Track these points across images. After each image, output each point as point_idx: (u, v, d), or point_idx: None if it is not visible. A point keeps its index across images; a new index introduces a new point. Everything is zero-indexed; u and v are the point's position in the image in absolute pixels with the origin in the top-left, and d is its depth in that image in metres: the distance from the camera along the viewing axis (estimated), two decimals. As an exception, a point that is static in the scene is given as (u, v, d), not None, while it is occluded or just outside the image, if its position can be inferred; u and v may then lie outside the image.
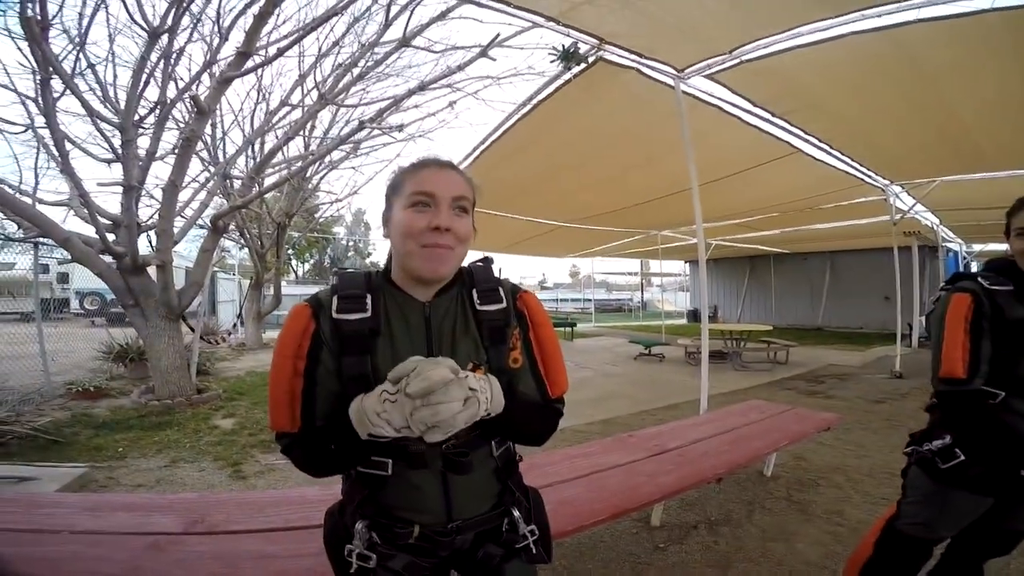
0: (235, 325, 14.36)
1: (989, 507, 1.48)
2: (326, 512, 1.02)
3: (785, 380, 7.55)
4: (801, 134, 5.18)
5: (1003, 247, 1.55)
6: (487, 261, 1.05)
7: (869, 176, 6.83)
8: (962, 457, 1.45)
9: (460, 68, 6.07)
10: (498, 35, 5.03)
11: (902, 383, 7.11)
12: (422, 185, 0.89)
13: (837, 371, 8.34)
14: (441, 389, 0.72)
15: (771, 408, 3.72)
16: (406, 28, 5.65)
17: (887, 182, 7.20)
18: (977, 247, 14.70)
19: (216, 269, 10.38)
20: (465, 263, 1.01)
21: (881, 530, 1.73)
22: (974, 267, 14.74)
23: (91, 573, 1.36)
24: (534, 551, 0.98)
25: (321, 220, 18.99)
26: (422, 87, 6.27)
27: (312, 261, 38.07)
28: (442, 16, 5.57)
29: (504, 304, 0.97)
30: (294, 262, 33.95)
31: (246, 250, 11.55)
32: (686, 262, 22.59)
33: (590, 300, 27.72)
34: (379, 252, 39.81)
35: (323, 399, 0.89)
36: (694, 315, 20.41)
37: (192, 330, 6.67)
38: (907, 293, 9.32)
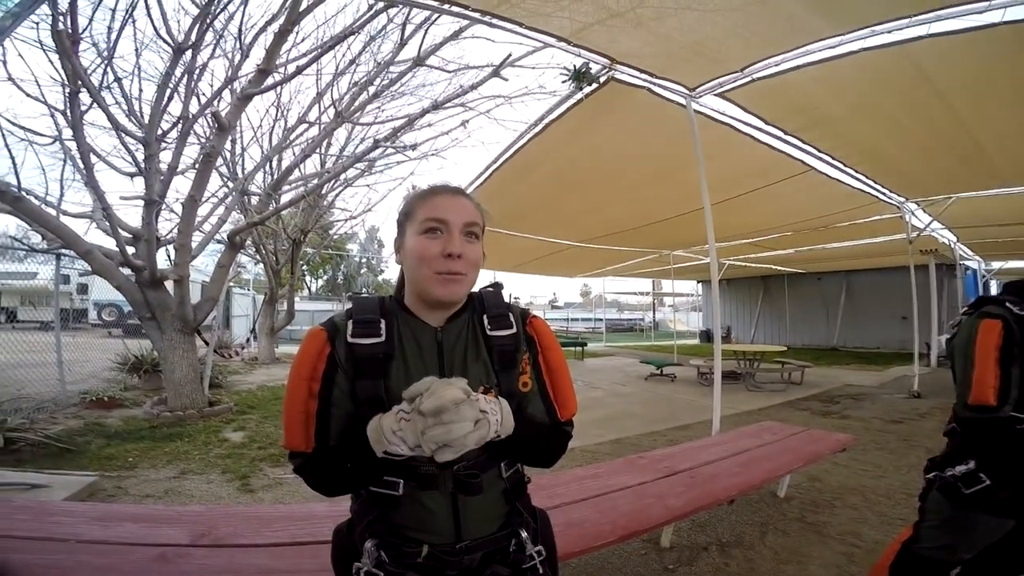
0: (248, 340, 14.51)
1: (1009, 529, 1.49)
2: (334, 530, 1.03)
3: (799, 401, 7.41)
4: (814, 151, 5.15)
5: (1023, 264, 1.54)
6: (497, 287, 1.07)
7: (884, 193, 6.75)
8: (987, 482, 1.45)
9: (473, 87, 6.17)
10: (510, 55, 5.12)
11: (920, 403, 6.97)
12: (434, 212, 0.91)
13: (853, 391, 8.19)
14: (452, 409, 0.73)
15: (785, 429, 3.67)
16: (420, 47, 5.78)
17: (902, 199, 7.12)
18: (997, 264, 14.39)
19: (231, 284, 10.52)
20: (475, 288, 1.03)
21: (897, 553, 1.72)
22: (993, 285, 14.44)
23: (97, 583, 1.36)
24: (540, 572, 0.97)
25: (335, 237, 19.19)
26: (436, 106, 6.38)
27: (325, 278, 38.45)
28: (455, 36, 5.68)
29: (514, 329, 0.98)
30: (308, 278, 34.32)
31: (261, 265, 11.72)
32: (698, 282, 22.46)
33: (601, 320, 27.59)
34: (391, 270, 40.16)
35: (337, 420, 0.90)
36: (707, 335, 20.22)
37: (206, 344, 6.75)
38: (924, 312, 9.16)
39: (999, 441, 1.44)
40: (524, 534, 0.97)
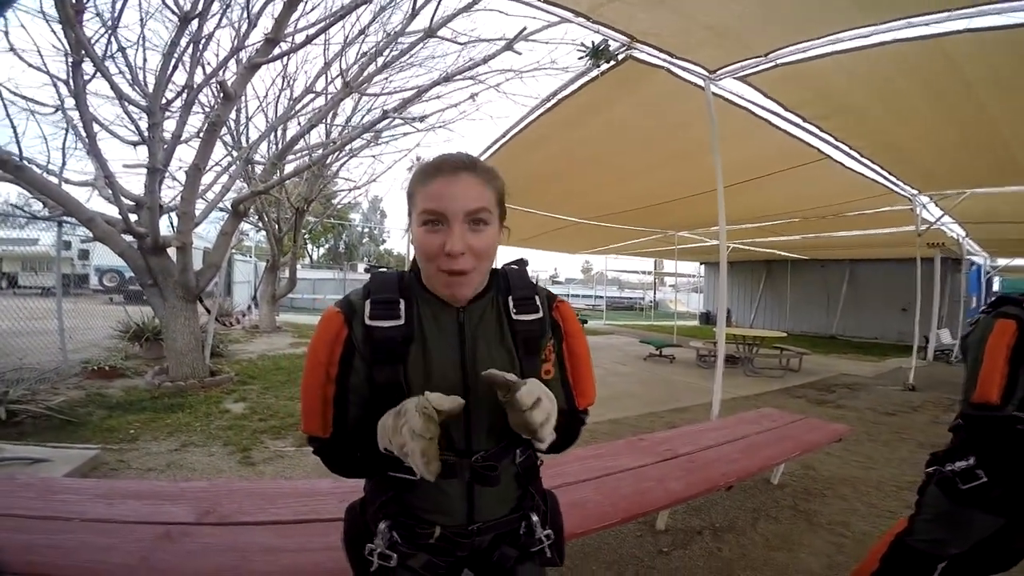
0: (249, 307, 14.53)
1: (999, 527, 1.51)
2: (347, 508, 1.03)
3: (796, 388, 7.46)
4: (832, 140, 5.08)
5: None
6: (522, 264, 1.02)
7: (898, 185, 6.70)
8: (984, 479, 1.48)
9: (484, 61, 6.01)
10: (524, 28, 4.96)
11: (914, 396, 7.00)
12: (431, 202, 0.83)
13: (849, 381, 8.24)
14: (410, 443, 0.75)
15: (783, 417, 3.68)
16: (432, 18, 5.61)
17: (915, 192, 7.07)
18: (1002, 261, 14.35)
19: (233, 251, 10.48)
20: (499, 263, 0.99)
21: (889, 545, 1.75)
22: (996, 281, 14.41)
23: (101, 562, 1.36)
24: (548, 555, 0.99)
25: (338, 207, 19.07)
26: (447, 78, 6.23)
27: (327, 246, 38.37)
28: (468, 7, 5.51)
29: (540, 314, 0.95)
30: (309, 247, 34.24)
31: (263, 233, 11.66)
32: (701, 263, 22.37)
33: (601, 297, 27.59)
34: (392, 240, 40.03)
35: (355, 406, 0.88)
36: (706, 317, 20.23)
37: (208, 311, 6.75)
38: (926, 305, 9.15)
39: (999, 439, 1.46)
40: (535, 518, 0.98)
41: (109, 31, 4.93)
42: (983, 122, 4.40)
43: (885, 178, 6.36)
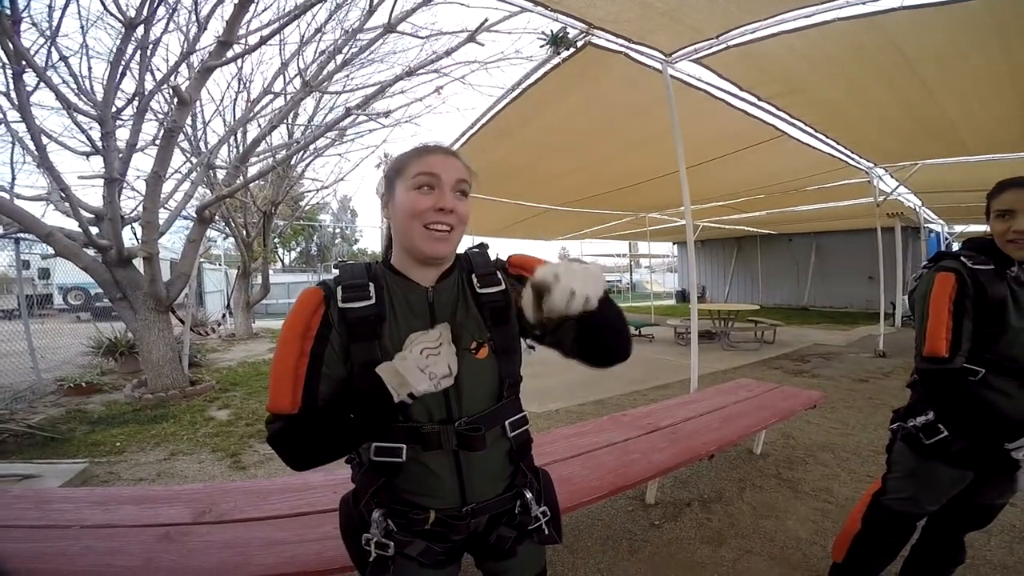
0: (224, 316, 14.25)
1: (969, 481, 1.54)
2: (340, 500, 1.04)
3: (772, 359, 7.67)
4: (787, 118, 5.20)
5: (983, 228, 1.59)
6: (483, 247, 1.09)
7: (853, 159, 6.89)
8: (945, 433, 1.50)
9: (447, 53, 6.00)
10: (486, 20, 4.98)
11: (885, 362, 7.24)
12: (428, 167, 0.92)
13: (822, 350, 8.48)
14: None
15: (759, 387, 3.79)
16: (391, 13, 5.57)
17: (871, 165, 7.27)
18: (959, 228, 14.93)
19: (202, 260, 10.25)
20: (461, 249, 1.05)
21: (867, 505, 1.78)
22: (955, 247, 14.90)
23: (106, 566, 1.38)
24: (546, 532, 1.01)
25: (307, 208, 18.77)
26: (410, 73, 6.20)
27: (299, 249, 37.69)
28: (427, 1, 5.48)
29: (503, 286, 1.00)
30: (280, 251, 33.58)
31: (231, 240, 11.43)
32: (674, 243, 22.71)
33: (579, 283, 27.62)
34: (365, 239, 39.50)
35: (327, 381, 0.89)
36: (683, 296, 20.59)
37: (182, 322, 6.63)
38: (890, 273, 9.47)
39: (953, 392, 1.47)
40: (528, 495, 1.00)
41: (48, 41, 4.80)
42: (926, 98, 4.56)
43: (841, 152, 6.54)
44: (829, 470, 3.36)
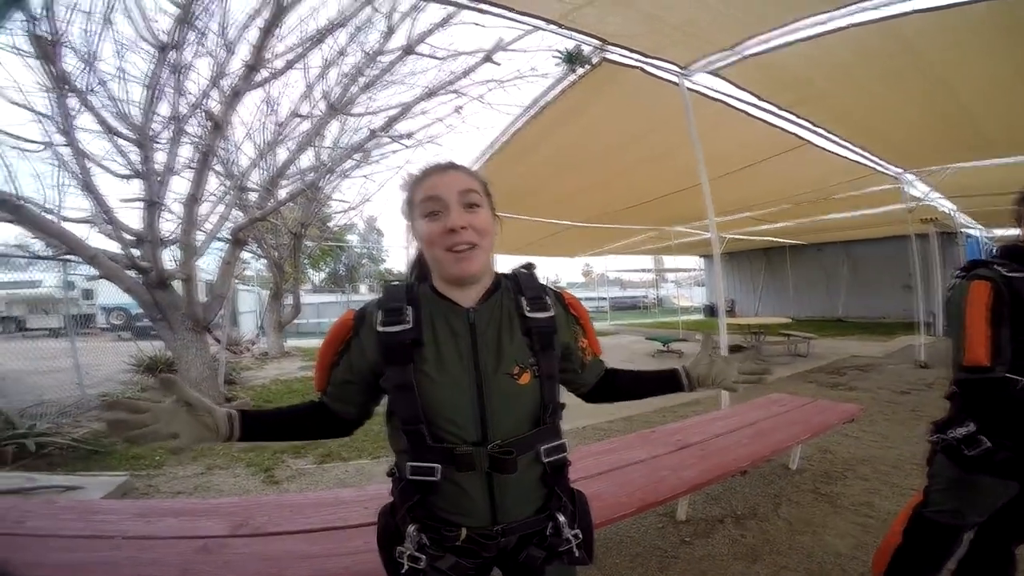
0: (257, 335, 14.61)
1: (1016, 492, 1.49)
2: (379, 512, 1.07)
3: (806, 373, 7.47)
4: (809, 126, 5.16)
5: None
6: (531, 267, 1.10)
7: (880, 165, 6.75)
8: (988, 444, 1.46)
9: (465, 74, 6.13)
10: (501, 40, 5.09)
11: (927, 373, 6.99)
12: (429, 191, 0.94)
13: (859, 362, 8.23)
14: None
15: (792, 401, 3.71)
16: (409, 36, 5.74)
17: (900, 170, 7.11)
18: (998, 231, 14.35)
19: (236, 281, 10.57)
20: (507, 268, 1.08)
21: (909, 518, 1.73)
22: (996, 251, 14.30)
23: (147, 576, 1.44)
24: (576, 554, 1.00)
25: (335, 229, 19.18)
26: (431, 94, 6.35)
27: (327, 270, 38.43)
28: (444, 23, 5.63)
29: (551, 313, 1.02)
30: (310, 271, 34.29)
31: (263, 261, 11.74)
32: (701, 256, 22.43)
33: (604, 299, 27.61)
34: (392, 259, 40.05)
35: (341, 369, 1.03)
36: (711, 310, 20.25)
37: (218, 341, 6.83)
38: (927, 281, 9.16)
39: (996, 402, 1.44)
40: (561, 518, 0.99)
41: (87, 65, 4.95)
42: (947, 99, 4.47)
43: (867, 158, 6.41)
44: (870, 484, 3.25)
